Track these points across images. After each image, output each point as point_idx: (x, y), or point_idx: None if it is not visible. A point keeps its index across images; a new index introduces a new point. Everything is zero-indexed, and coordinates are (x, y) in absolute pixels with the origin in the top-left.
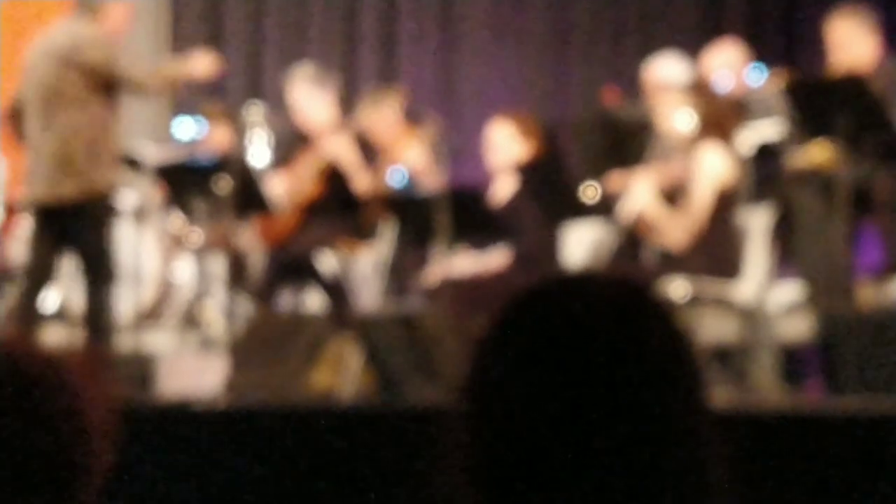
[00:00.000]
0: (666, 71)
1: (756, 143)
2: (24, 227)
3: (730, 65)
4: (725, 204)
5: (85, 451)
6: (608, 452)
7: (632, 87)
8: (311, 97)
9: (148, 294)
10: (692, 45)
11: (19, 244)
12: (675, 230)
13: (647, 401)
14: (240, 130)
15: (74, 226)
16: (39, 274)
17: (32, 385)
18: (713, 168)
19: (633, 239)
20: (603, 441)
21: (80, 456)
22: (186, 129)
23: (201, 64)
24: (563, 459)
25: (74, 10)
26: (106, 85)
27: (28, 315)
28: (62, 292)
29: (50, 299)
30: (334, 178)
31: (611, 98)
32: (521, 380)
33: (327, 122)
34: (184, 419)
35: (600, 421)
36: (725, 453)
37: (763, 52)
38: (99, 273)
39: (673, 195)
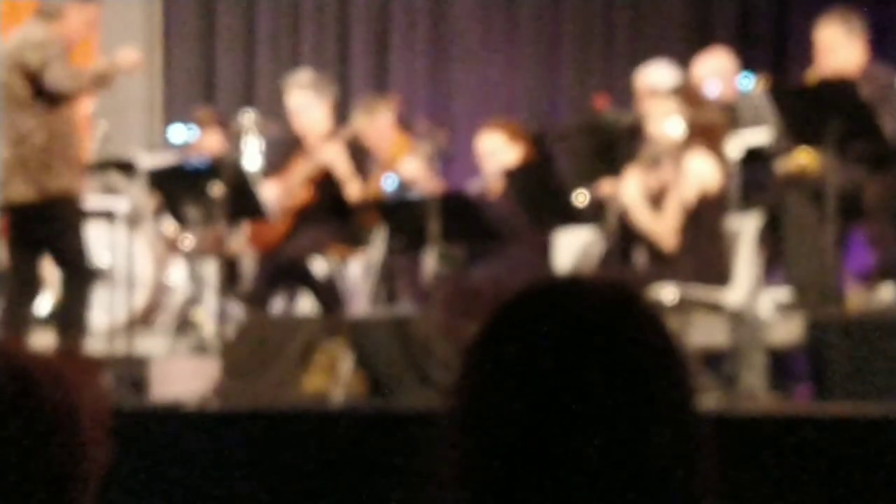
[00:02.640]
0: (656, 78)
1: (745, 149)
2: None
3: (720, 73)
4: (714, 210)
5: (79, 454)
6: (598, 456)
7: (622, 93)
8: (309, 104)
9: (141, 298)
10: (682, 52)
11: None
12: (656, 232)
13: (637, 405)
14: (232, 137)
15: (39, 230)
16: (20, 277)
17: (25, 388)
18: (701, 175)
19: (622, 244)
20: (593, 445)
21: (74, 459)
22: (179, 135)
23: (126, 58)
24: (553, 463)
25: (34, 14)
26: (42, 90)
27: (17, 319)
28: (54, 296)
29: (42, 303)
30: (326, 185)
31: (601, 104)
32: (511, 383)
33: (323, 130)
34: (176, 422)
35: (590, 425)
36: (715, 457)
37: (753, 60)
38: (72, 274)
39: (660, 201)
